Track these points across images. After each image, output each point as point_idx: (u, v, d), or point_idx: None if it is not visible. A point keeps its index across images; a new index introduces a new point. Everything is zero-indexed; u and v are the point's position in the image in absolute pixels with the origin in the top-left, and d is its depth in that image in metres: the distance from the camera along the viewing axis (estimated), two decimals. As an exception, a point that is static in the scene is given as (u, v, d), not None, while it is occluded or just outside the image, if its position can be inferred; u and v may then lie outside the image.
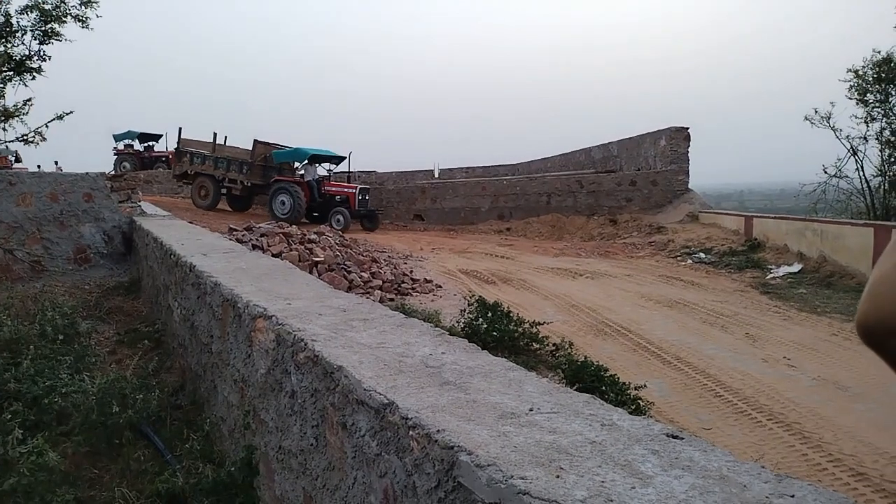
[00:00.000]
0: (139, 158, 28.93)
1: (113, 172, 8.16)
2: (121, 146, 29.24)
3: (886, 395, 5.62)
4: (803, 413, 5.24)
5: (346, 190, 19.71)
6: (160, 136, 29.73)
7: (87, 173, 7.37)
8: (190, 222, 8.96)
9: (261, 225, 11.65)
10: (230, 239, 8.06)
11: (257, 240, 10.34)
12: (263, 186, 20.04)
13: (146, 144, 29.85)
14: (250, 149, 20.57)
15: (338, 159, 20.69)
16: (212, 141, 21.09)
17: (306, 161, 20.14)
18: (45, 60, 9.13)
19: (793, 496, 1.02)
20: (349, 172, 21.19)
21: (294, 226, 12.91)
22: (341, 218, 18.46)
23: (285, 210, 18.82)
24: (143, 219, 7.45)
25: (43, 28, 8.99)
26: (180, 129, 21.43)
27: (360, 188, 19.86)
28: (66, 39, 9.22)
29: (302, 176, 20.21)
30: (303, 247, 11.06)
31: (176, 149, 21.33)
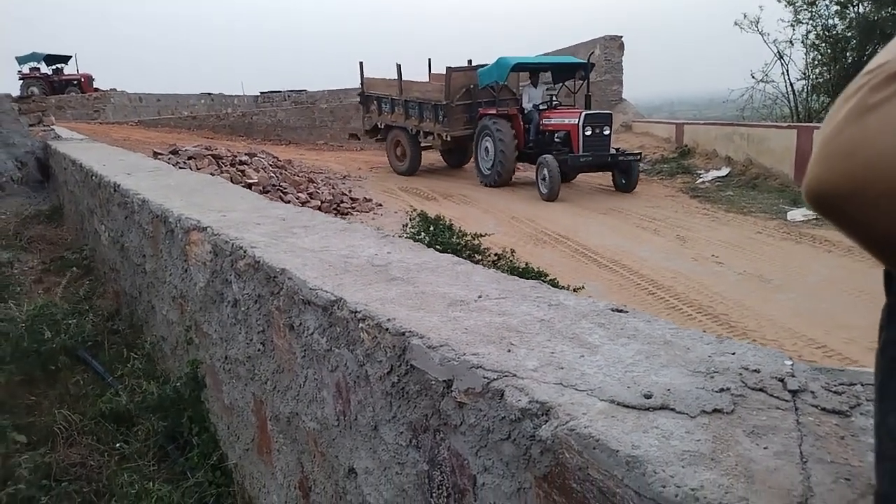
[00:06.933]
0: (48, 83, 26.74)
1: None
2: (26, 69, 26.92)
3: (804, 286, 6.01)
4: (730, 305, 5.55)
5: (565, 122, 11.56)
6: (69, 57, 27.49)
7: (-12, 95, 6.79)
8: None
9: (187, 147, 11.11)
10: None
11: (184, 162, 9.89)
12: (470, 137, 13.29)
13: (54, 67, 27.58)
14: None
15: (579, 69, 12.48)
16: (397, 78, 14.74)
17: (527, 83, 12.79)
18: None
19: (733, 353, 1.07)
20: (588, 93, 12.58)
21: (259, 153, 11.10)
22: (547, 173, 10.78)
23: (489, 163, 12.41)
24: (58, 143, 6.98)
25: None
26: (361, 63, 15.55)
27: (586, 115, 11.22)
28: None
29: (520, 106, 12.62)
30: (234, 169, 10.66)
31: (360, 94, 15.94)
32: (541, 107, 12.31)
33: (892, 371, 0.54)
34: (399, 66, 14.82)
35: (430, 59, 15.59)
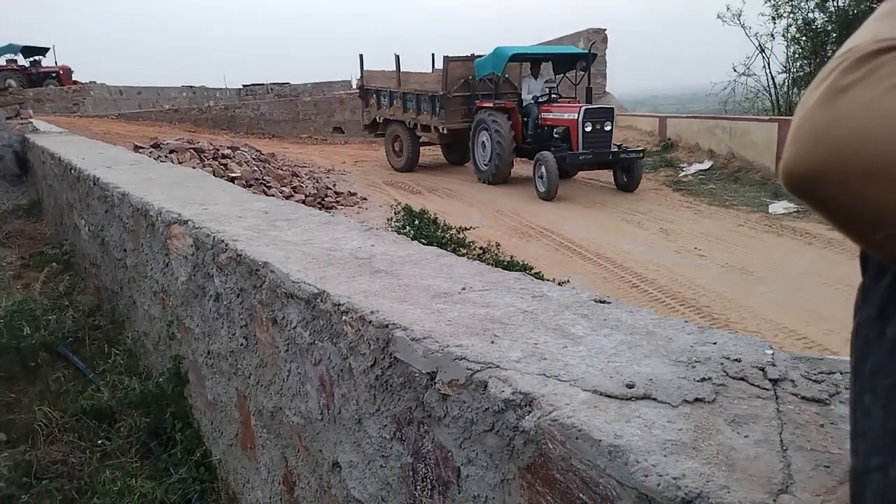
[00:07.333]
0: (26, 75, 26.29)
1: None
2: (2, 62, 26.46)
3: (785, 278, 6.08)
4: (712, 297, 5.61)
5: (564, 117, 10.90)
6: (47, 49, 27.06)
7: (-37, 87, 6.66)
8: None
9: (168, 141, 10.99)
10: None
11: (166, 156, 9.79)
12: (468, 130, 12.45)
13: (32, 59, 27.12)
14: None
15: (580, 59, 11.94)
16: (395, 70, 14.18)
17: (527, 74, 12.19)
18: None
19: (715, 343, 1.08)
20: (590, 86, 11.76)
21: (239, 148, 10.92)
22: (545, 171, 10.18)
23: (486, 158, 11.86)
24: (36, 136, 6.88)
25: None
26: (361, 56, 15.15)
27: (586, 110, 10.59)
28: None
29: (519, 98, 12.01)
30: (217, 162, 10.58)
31: (360, 87, 15.49)
32: (540, 100, 11.64)
33: (866, 351, 0.55)
34: (398, 57, 14.14)
35: (433, 54, 15.02)
